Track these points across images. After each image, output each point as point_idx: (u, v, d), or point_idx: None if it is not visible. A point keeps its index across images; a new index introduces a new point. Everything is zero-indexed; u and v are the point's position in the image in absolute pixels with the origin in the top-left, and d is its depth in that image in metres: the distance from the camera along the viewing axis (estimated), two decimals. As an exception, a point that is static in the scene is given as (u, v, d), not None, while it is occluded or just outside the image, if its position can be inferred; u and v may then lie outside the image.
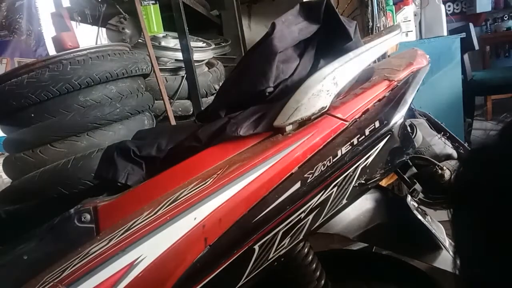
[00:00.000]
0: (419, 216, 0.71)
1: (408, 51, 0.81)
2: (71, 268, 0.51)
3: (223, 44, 2.91)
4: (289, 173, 0.55)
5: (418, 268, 0.80)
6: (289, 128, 0.58)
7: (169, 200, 0.54)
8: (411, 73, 0.69)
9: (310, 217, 0.56)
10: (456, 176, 0.48)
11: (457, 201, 0.40)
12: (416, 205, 0.74)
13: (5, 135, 1.71)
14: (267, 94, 0.64)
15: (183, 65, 2.29)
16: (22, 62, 3.99)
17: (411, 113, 0.81)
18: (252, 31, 3.74)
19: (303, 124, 0.58)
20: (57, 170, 1.48)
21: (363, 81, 0.68)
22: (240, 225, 0.53)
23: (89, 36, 2.40)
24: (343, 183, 0.58)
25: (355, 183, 0.59)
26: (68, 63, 1.51)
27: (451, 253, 0.72)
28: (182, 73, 2.32)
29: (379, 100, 0.63)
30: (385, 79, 0.66)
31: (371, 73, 0.71)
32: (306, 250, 0.70)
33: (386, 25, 2.85)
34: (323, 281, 0.71)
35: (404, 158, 0.63)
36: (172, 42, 2.37)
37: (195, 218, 0.51)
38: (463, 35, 2.55)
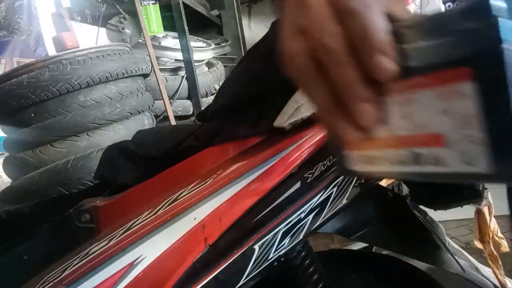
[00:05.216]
0: (419, 216, 0.71)
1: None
2: (71, 268, 0.51)
3: (223, 44, 2.92)
4: (289, 173, 0.55)
5: (418, 268, 0.80)
6: (289, 128, 0.58)
7: (169, 200, 0.54)
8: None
9: (310, 217, 0.56)
10: None
11: None
12: (416, 205, 0.74)
13: (5, 135, 1.71)
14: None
15: (183, 65, 2.29)
16: (21, 62, 3.99)
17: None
18: (252, 31, 3.74)
19: (303, 124, 0.58)
20: (57, 170, 1.48)
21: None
22: (240, 225, 0.53)
23: (89, 36, 2.40)
24: (343, 183, 0.58)
25: (355, 183, 0.59)
26: (68, 63, 1.51)
27: (451, 253, 0.72)
28: (182, 73, 2.33)
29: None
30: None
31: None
32: (306, 250, 0.70)
33: (386, 25, 2.85)
34: (323, 281, 0.71)
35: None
36: (172, 42, 2.37)
37: (195, 218, 0.51)
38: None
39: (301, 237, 0.57)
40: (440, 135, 0.22)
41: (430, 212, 0.76)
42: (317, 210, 0.57)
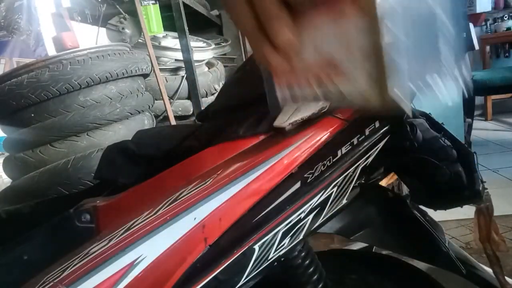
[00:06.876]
0: (419, 216, 0.71)
1: (408, 51, 0.81)
2: (71, 268, 0.51)
3: (223, 44, 2.92)
4: (289, 173, 0.55)
5: (418, 268, 0.80)
6: (289, 128, 0.58)
7: (169, 200, 0.54)
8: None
9: (310, 217, 0.56)
10: None
11: None
12: (416, 205, 0.74)
13: (5, 135, 1.71)
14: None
15: (183, 65, 2.29)
16: (21, 62, 3.99)
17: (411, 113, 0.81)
18: (252, 31, 3.73)
19: (303, 124, 0.58)
20: (57, 170, 1.48)
21: (363, 81, 0.68)
22: (240, 225, 0.53)
23: (89, 36, 2.40)
24: (343, 183, 0.58)
25: (355, 183, 0.59)
26: (68, 63, 1.51)
27: (451, 253, 0.72)
28: (182, 73, 2.33)
29: (379, 100, 0.63)
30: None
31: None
32: (306, 250, 0.70)
33: (386, 25, 2.85)
34: (323, 281, 0.71)
35: (405, 158, 0.63)
36: (172, 42, 2.37)
37: (195, 218, 0.51)
38: (463, 35, 2.55)
39: (301, 237, 0.57)
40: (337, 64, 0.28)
41: (430, 212, 0.76)
42: (317, 210, 0.57)
